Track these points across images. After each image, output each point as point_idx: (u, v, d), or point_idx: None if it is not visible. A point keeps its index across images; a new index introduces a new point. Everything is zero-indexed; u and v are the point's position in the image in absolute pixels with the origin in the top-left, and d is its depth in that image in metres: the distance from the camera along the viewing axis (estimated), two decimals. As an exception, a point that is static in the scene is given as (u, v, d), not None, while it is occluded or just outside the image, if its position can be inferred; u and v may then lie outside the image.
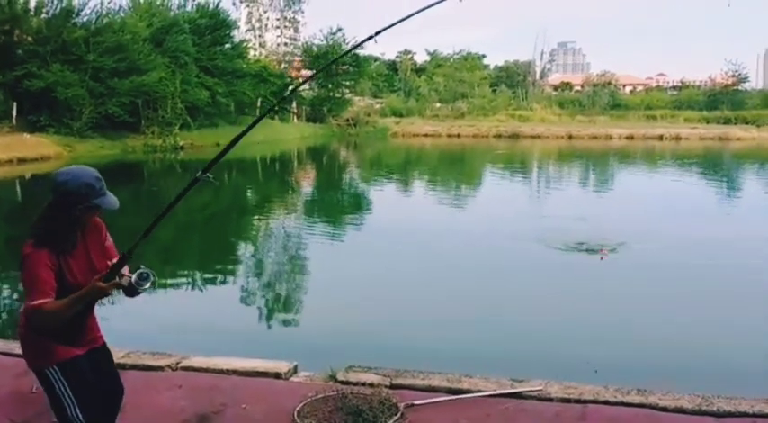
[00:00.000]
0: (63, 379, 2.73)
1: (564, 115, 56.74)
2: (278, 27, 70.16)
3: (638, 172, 27.26)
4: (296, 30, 71.28)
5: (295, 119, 49.26)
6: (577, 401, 4.10)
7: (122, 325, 6.16)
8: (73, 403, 2.73)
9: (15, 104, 29.08)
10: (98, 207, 2.73)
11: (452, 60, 66.44)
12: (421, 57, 72.10)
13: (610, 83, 62.84)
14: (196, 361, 4.80)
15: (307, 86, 53.33)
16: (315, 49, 50.79)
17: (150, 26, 34.09)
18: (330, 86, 50.86)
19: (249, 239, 13.15)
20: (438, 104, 59.34)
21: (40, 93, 28.55)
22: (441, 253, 10.94)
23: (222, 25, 40.58)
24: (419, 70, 67.59)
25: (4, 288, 9.30)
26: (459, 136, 46.95)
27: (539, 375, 4.43)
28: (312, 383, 4.41)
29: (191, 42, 35.55)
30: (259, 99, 43.61)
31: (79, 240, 2.78)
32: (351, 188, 22.70)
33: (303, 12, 66.78)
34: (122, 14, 34.67)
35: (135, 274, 2.68)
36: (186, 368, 4.71)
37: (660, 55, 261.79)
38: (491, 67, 74.55)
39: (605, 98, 60.05)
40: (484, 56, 71.66)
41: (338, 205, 18.24)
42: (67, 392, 2.73)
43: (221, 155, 2.88)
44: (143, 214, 14.20)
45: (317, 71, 42.47)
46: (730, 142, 41.89)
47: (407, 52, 72.76)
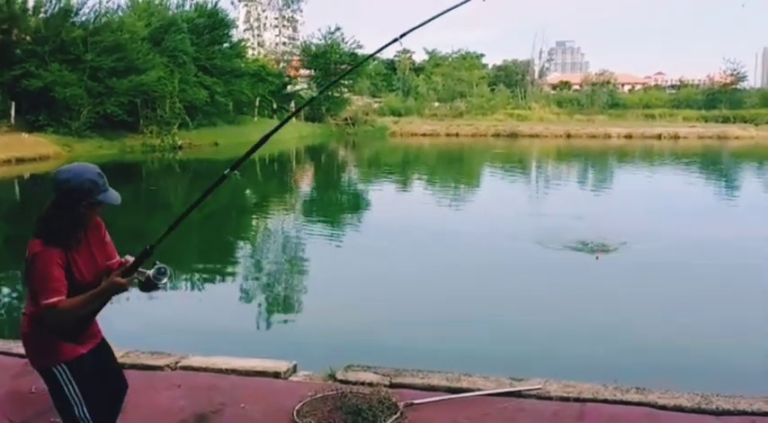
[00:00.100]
0: (71, 378, 2.71)
1: (562, 114, 56.75)
2: (276, 26, 70.23)
3: (636, 171, 27.28)
4: (294, 29, 71.39)
5: (293, 118, 49.25)
6: (576, 400, 4.10)
7: (122, 324, 6.14)
8: (81, 403, 2.72)
9: (14, 104, 29.06)
10: (102, 203, 2.73)
11: (451, 59, 66.42)
12: (419, 56, 72.12)
13: (608, 82, 62.79)
14: (195, 360, 4.80)
15: (306, 86, 53.43)
16: (313, 49, 50.83)
17: (149, 25, 34.06)
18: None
19: (248, 239, 13.15)
20: (436, 104, 59.32)
21: (39, 92, 28.52)
22: (439, 252, 10.94)
23: (220, 24, 40.58)
24: (417, 69, 67.54)
25: (4, 288, 9.29)
26: (457, 135, 46.95)
27: (538, 374, 4.44)
28: (311, 383, 4.41)
29: (189, 42, 35.52)
30: (257, 98, 43.61)
31: (82, 238, 2.78)
32: (349, 188, 22.70)
33: (301, 11, 67.06)
34: (121, 14, 34.64)
35: (153, 269, 2.71)
36: (185, 368, 4.71)
37: (659, 54, 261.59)
38: (489, 67, 74.57)
39: (604, 97, 60.05)
40: (482, 55, 71.78)
41: (337, 205, 18.24)
42: (75, 392, 2.71)
43: (250, 153, 3.06)
44: (142, 214, 14.20)
45: (353, 67, 42.74)
46: (729, 141, 41.94)
47: (406, 51, 72.67)
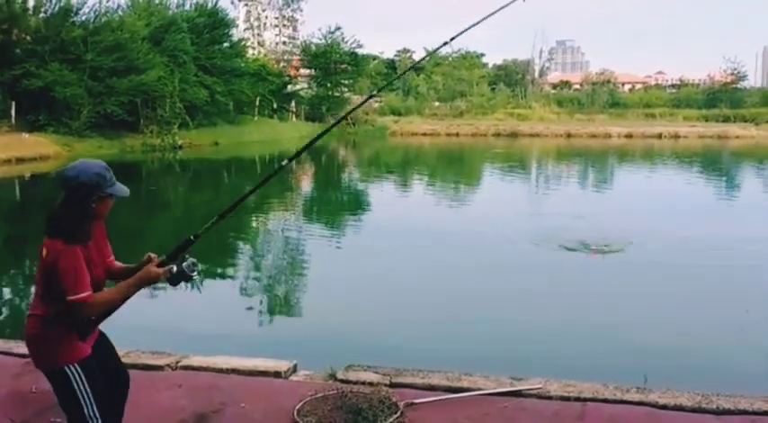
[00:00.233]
0: (83, 377, 2.73)
1: (563, 114, 56.81)
2: (276, 26, 70.19)
3: (636, 170, 27.27)
4: (294, 28, 71.35)
5: (293, 118, 49.28)
6: (577, 400, 4.10)
7: (122, 324, 6.13)
8: (91, 402, 2.73)
9: (14, 104, 29.08)
10: (112, 196, 2.74)
11: (451, 59, 66.29)
12: (420, 55, 72.21)
13: (609, 81, 62.84)
14: (196, 360, 4.80)
15: (306, 85, 53.46)
16: (313, 48, 50.88)
17: (149, 25, 34.06)
18: (329, 85, 50.93)
19: (248, 238, 13.13)
20: (437, 103, 59.38)
21: (39, 92, 28.53)
22: (439, 252, 10.93)
23: (221, 24, 40.59)
24: (418, 69, 67.54)
25: (4, 288, 9.29)
26: (457, 135, 46.95)
27: (538, 374, 4.44)
28: (312, 382, 4.41)
29: (189, 41, 35.53)
30: (258, 98, 43.62)
31: (93, 233, 2.79)
32: (350, 187, 22.69)
33: (302, 10, 67.05)
34: (121, 13, 34.65)
35: (188, 262, 2.79)
36: (186, 367, 4.71)
37: (659, 53, 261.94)
38: (490, 66, 74.63)
39: (604, 96, 60.08)
40: (483, 54, 71.79)
41: (337, 204, 18.24)
42: (86, 391, 2.73)
43: (306, 147, 3.31)
44: (141, 214, 14.20)
45: (404, 72, 43.18)
46: (729, 140, 41.93)
47: (406, 51, 72.89)
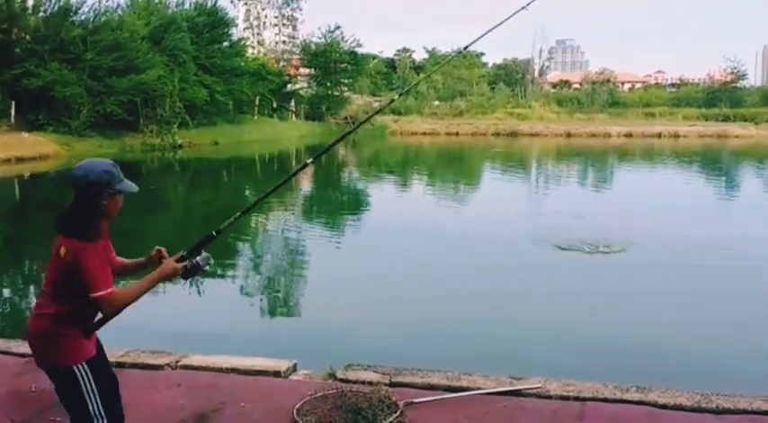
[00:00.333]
0: (91, 376, 2.75)
1: (562, 113, 56.80)
2: (276, 25, 70.19)
3: (636, 170, 27.27)
4: (294, 28, 71.33)
5: (293, 117, 49.28)
6: (576, 399, 4.10)
7: (122, 323, 6.14)
8: (97, 400, 2.75)
9: (13, 103, 29.07)
10: (121, 192, 2.76)
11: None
12: (419, 54, 72.13)
13: (608, 80, 62.83)
14: (195, 359, 4.79)
15: (306, 85, 53.44)
16: (313, 47, 50.89)
17: (148, 24, 34.04)
18: (328, 84, 50.94)
19: (248, 238, 13.13)
20: (436, 102, 59.32)
21: (38, 91, 28.52)
22: (439, 251, 10.94)
23: (220, 23, 40.59)
24: (418, 68, 67.49)
25: (4, 288, 9.29)
26: (457, 134, 46.96)
27: (538, 373, 4.44)
28: (311, 382, 4.40)
29: (189, 40, 35.52)
30: (257, 97, 43.61)
31: (104, 230, 2.81)
32: (349, 187, 22.69)
33: (301, 9, 66.97)
34: (120, 13, 34.64)
35: (203, 255, 2.86)
36: (185, 367, 4.71)
37: (659, 52, 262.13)
38: (489, 65, 74.58)
39: (604, 96, 60.08)
40: (482, 54, 71.61)
41: (336, 204, 18.24)
42: (93, 389, 2.75)
43: (333, 144, 3.52)
44: (142, 213, 14.18)
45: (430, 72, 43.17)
46: (729, 140, 41.92)
47: (406, 50, 72.78)
